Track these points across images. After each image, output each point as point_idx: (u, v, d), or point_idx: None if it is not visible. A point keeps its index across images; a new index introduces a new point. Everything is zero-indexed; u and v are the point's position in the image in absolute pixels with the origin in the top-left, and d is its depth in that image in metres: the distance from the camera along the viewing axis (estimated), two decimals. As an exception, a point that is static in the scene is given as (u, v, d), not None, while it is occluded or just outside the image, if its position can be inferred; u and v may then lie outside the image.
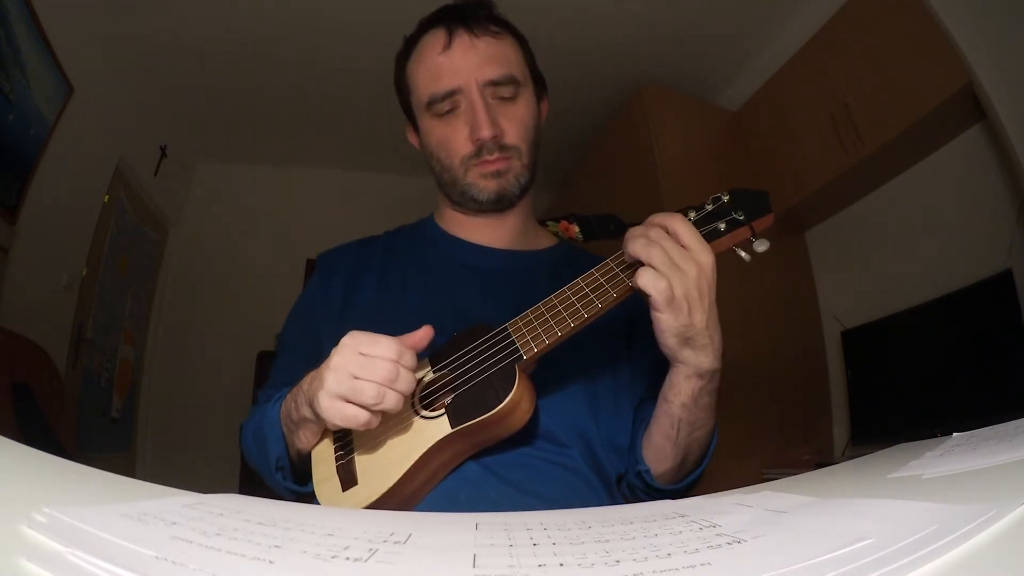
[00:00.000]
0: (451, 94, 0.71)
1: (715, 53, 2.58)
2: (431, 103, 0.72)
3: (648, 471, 0.64)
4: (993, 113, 1.52)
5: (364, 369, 0.51)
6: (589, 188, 2.81)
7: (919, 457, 0.45)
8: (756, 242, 0.58)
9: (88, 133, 2.22)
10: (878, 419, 1.97)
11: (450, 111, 0.72)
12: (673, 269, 0.52)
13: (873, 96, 1.85)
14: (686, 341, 0.55)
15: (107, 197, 2.43)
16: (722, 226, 0.58)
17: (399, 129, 0.85)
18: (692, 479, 0.65)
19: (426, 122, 0.75)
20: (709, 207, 0.59)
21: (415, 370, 0.55)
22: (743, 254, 0.59)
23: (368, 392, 0.50)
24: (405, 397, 0.53)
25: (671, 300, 0.52)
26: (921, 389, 1.80)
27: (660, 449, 0.63)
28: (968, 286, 1.68)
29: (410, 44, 0.78)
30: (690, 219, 0.58)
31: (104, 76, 2.29)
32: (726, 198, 0.59)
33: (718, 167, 2.43)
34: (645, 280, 0.52)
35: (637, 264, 0.55)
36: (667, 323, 0.53)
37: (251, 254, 3.28)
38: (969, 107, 1.63)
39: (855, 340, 2.10)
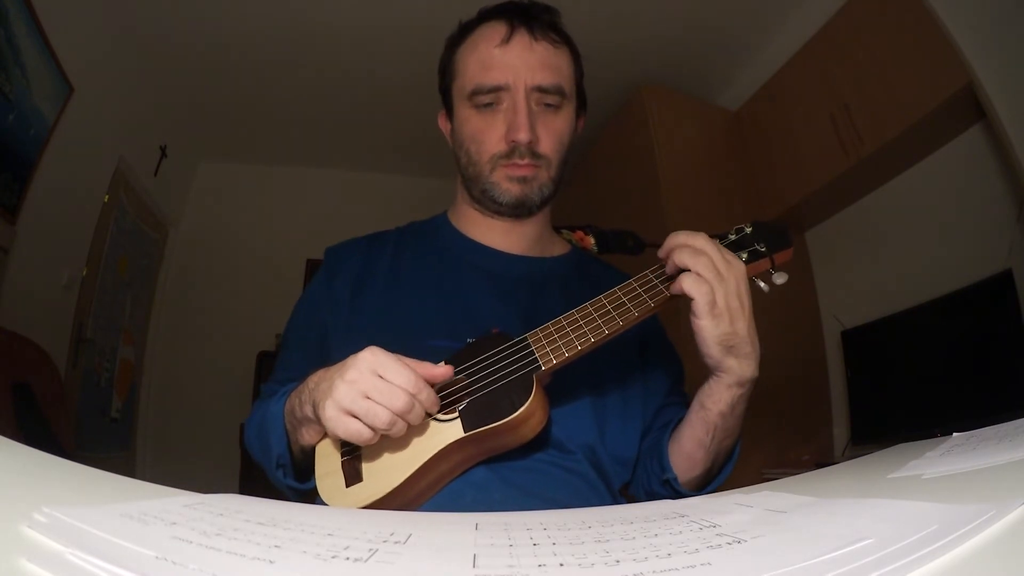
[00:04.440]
0: (497, 89, 0.70)
1: (715, 53, 2.58)
2: (475, 93, 0.71)
3: (675, 478, 0.64)
4: (993, 113, 1.52)
5: (381, 393, 0.50)
6: (589, 188, 2.82)
7: (919, 457, 0.45)
8: (775, 274, 0.60)
9: (88, 133, 2.22)
10: (878, 419, 1.97)
11: (490, 105, 0.71)
12: (717, 277, 0.53)
13: (873, 96, 1.85)
14: (729, 350, 0.55)
15: (107, 197, 2.43)
16: (744, 256, 0.59)
17: (399, 129, 0.85)
18: (715, 486, 0.66)
19: (464, 111, 0.74)
20: (732, 236, 0.61)
21: (437, 404, 0.55)
22: (762, 285, 0.60)
23: (382, 417, 0.50)
24: (412, 426, 0.53)
25: (712, 305, 0.53)
26: (921, 389, 1.80)
27: (691, 456, 0.63)
28: (968, 286, 1.68)
29: (465, 30, 0.77)
30: None
31: (104, 76, 2.29)
32: (749, 229, 0.61)
33: (718, 167, 2.43)
34: (688, 284, 0.53)
35: (660, 286, 0.57)
36: (709, 331, 0.54)
37: (251, 254, 3.28)
38: (969, 107, 1.63)
39: (855, 340, 2.10)
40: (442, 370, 0.55)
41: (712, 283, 0.53)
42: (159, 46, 2.41)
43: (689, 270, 0.54)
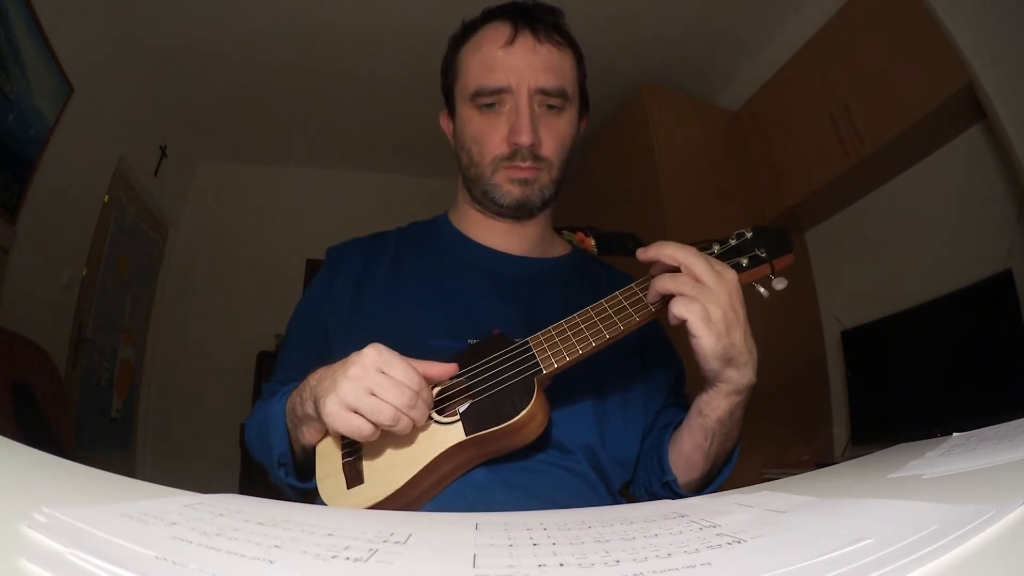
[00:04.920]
0: (500, 91, 0.70)
1: (715, 53, 2.59)
2: (477, 94, 0.71)
3: (675, 480, 0.64)
4: (993, 113, 1.52)
5: (385, 389, 0.50)
6: (590, 188, 2.81)
7: (919, 457, 0.45)
8: (775, 280, 0.60)
9: (88, 133, 2.22)
10: (878, 419, 1.96)
11: (493, 106, 0.71)
12: (706, 292, 0.52)
13: (873, 96, 1.85)
14: (728, 361, 0.54)
15: (107, 197, 2.43)
16: (744, 261, 0.59)
17: (399, 129, 0.85)
18: (715, 487, 0.66)
19: (466, 111, 0.73)
20: (733, 242, 0.60)
21: (431, 405, 0.55)
22: (762, 290, 0.60)
23: (386, 412, 0.50)
24: (417, 425, 0.53)
25: (707, 321, 0.52)
26: (921, 389, 1.80)
27: (690, 460, 0.63)
28: (968, 286, 1.68)
29: (469, 29, 0.76)
30: (714, 252, 0.59)
31: (104, 76, 2.29)
32: (749, 234, 0.60)
33: (718, 167, 2.43)
34: (679, 308, 0.52)
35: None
36: (709, 347, 0.53)
37: (251, 254, 3.28)
38: (969, 107, 1.63)
39: (855, 340, 2.10)
40: (446, 367, 0.55)
41: (702, 300, 0.52)
42: (159, 46, 2.41)
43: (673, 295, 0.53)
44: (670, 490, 0.65)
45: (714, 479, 0.66)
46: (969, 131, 1.76)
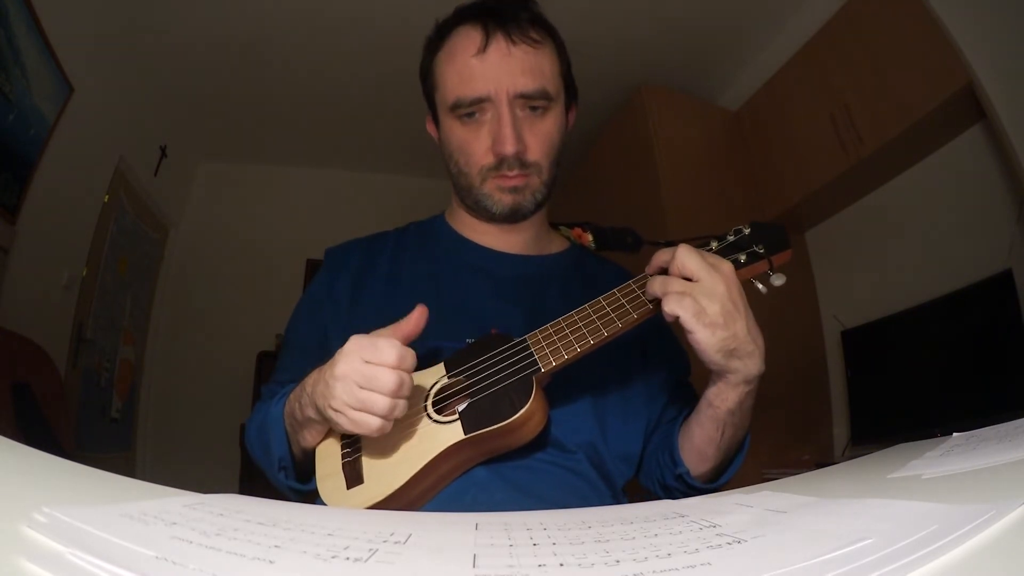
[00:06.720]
0: (479, 101, 0.68)
1: (715, 53, 2.59)
2: (456, 106, 0.69)
3: (688, 472, 0.64)
4: (993, 113, 1.52)
5: (370, 380, 0.50)
6: (589, 188, 2.82)
7: (919, 457, 0.45)
8: (773, 276, 0.60)
9: (88, 133, 2.22)
10: (878, 419, 1.97)
11: (473, 115, 0.69)
12: (697, 287, 0.52)
13: (873, 96, 1.85)
14: (731, 353, 0.54)
15: (107, 197, 2.44)
16: (742, 258, 0.59)
17: (399, 129, 0.85)
18: (728, 477, 0.66)
19: (448, 122, 0.72)
20: (731, 238, 0.60)
21: (415, 367, 0.54)
22: (760, 286, 0.60)
23: (380, 403, 0.50)
24: (405, 395, 0.53)
25: (701, 316, 0.51)
26: (921, 389, 1.80)
27: (702, 452, 0.63)
28: (968, 286, 1.68)
29: (442, 33, 0.74)
30: (712, 248, 0.59)
31: (104, 76, 2.29)
32: (747, 230, 0.60)
33: (718, 167, 2.43)
34: (670, 304, 0.52)
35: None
36: (705, 341, 0.52)
37: (251, 254, 3.28)
38: (969, 107, 1.63)
39: (855, 340, 2.10)
40: (414, 317, 0.55)
41: (694, 295, 0.52)
42: (159, 46, 2.41)
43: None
44: (683, 482, 0.65)
45: (726, 469, 0.66)
46: (969, 131, 1.76)
